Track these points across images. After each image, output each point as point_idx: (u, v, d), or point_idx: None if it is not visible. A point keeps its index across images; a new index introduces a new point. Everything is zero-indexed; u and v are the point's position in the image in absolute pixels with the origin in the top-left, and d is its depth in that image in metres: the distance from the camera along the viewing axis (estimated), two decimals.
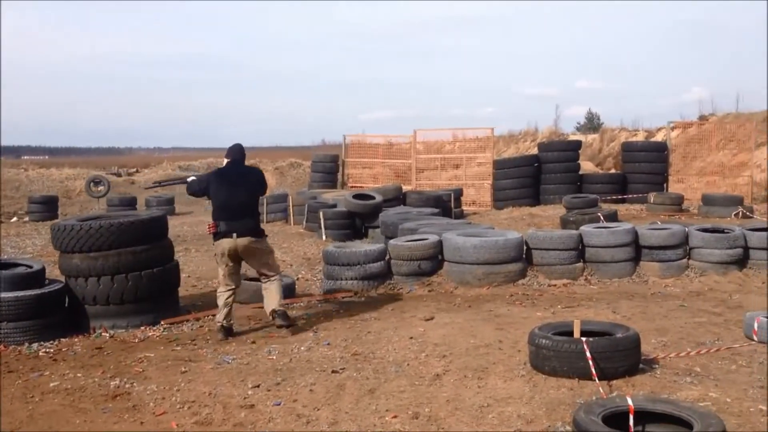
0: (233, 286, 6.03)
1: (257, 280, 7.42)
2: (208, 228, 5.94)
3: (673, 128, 20.93)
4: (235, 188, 5.89)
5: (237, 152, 6.11)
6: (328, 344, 5.56)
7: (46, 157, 64.13)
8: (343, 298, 7.35)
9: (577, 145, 18.05)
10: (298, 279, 8.66)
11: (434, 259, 7.91)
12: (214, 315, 6.67)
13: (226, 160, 6.12)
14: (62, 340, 5.93)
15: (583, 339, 4.44)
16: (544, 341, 4.54)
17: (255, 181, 6.11)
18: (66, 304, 6.23)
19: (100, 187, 20.25)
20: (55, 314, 6.02)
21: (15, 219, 17.93)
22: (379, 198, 12.28)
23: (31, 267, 6.21)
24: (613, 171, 24.85)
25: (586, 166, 25.39)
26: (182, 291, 8.02)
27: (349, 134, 20.43)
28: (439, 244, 7.93)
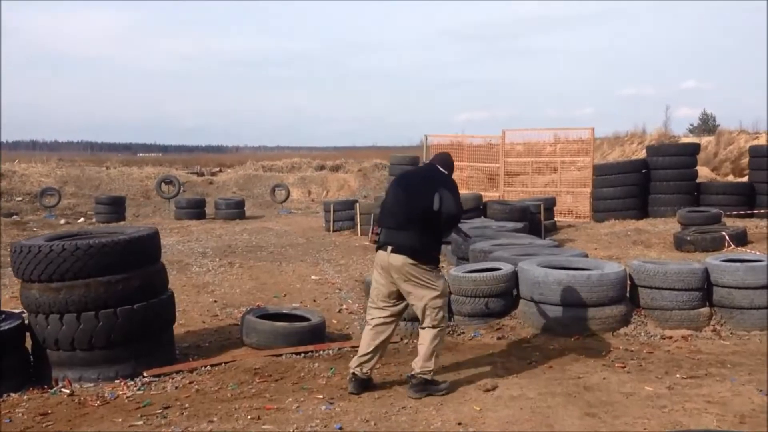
0: (382, 318, 4.63)
1: (275, 317, 5.92)
2: (372, 233, 4.64)
3: None
4: (407, 193, 4.63)
5: (437, 157, 4.93)
6: (341, 429, 3.94)
7: (160, 154, 65.32)
8: None
9: (695, 149, 15.50)
10: (340, 311, 7.11)
11: (507, 296, 6.12)
12: (212, 365, 5.22)
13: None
14: (12, 395, 4.63)
15: None
16: None
17: (436, 189, 4.56)
18: (27, 347, 4.95)
19: (171, 188, 19.47)
20: (6, 360, 4.71)
21: (82, 220, 17.37)
22: None
23: None
24: (732, 178, 22.04)
25: (702, 173, 22.58)
26: (198, 323, 6.65)
27: (431, 134, 18.69)
28: (514, 277, 6.14)
